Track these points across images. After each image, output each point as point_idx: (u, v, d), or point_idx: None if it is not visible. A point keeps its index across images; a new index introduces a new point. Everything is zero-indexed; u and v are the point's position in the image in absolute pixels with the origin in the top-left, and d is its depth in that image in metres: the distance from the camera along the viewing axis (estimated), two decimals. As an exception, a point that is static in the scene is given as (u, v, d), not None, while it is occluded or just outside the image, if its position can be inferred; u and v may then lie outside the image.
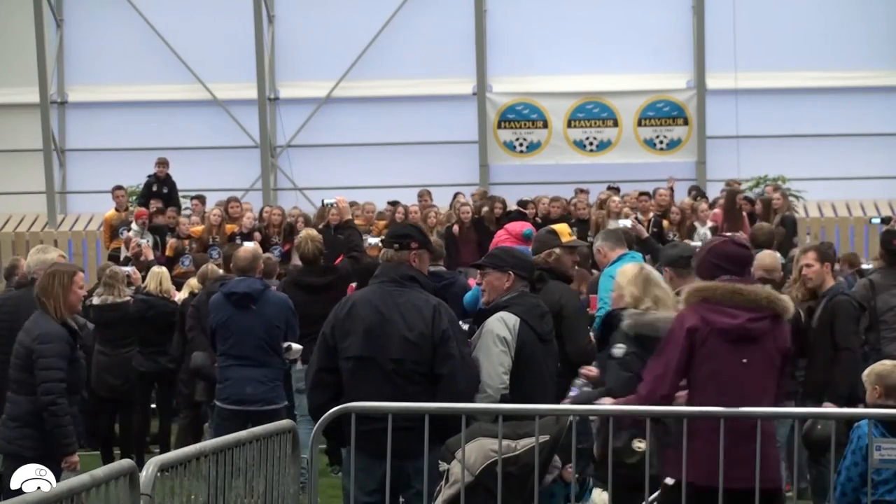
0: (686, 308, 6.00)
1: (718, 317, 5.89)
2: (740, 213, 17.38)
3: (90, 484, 4.59)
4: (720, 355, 5.88)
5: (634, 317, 6.96)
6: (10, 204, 24.49)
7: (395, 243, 6.97)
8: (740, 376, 5.88)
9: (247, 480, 6.07)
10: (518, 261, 7.18)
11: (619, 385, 6.78)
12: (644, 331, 6.89)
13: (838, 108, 23.41)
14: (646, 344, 6.80)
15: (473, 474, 6.17)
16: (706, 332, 5.87)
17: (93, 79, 24.53)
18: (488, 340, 6.80)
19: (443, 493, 6.25)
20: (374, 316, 6.71)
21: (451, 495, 6.20)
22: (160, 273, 12.45)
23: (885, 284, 9.99)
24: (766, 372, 5.94)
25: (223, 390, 9.74)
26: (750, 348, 5.90)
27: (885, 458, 6.32)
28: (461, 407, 6.35)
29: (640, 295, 7.05)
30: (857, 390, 8.74)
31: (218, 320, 9.74)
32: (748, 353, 5.89)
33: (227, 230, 17.71)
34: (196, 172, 22.37)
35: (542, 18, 23.74)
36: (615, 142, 23.58)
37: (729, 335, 5.87)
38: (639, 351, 6.86)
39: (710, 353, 5.88)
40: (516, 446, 6.19)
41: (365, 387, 6.63)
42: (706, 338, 5.87)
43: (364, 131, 24.02)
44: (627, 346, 6.96)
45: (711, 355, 5.88)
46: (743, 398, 5.86)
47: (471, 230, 17.50)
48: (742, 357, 5.89)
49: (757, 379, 5.92)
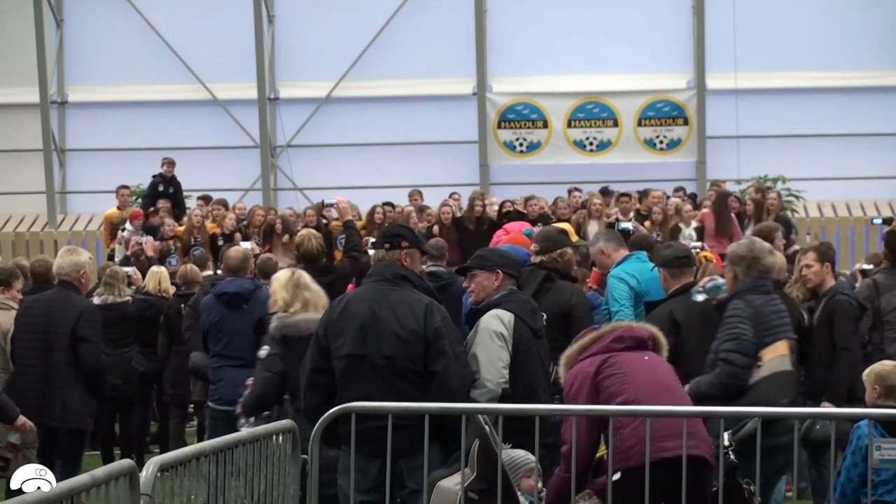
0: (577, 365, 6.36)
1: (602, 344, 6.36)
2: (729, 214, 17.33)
3: (90, 484, 4.59)
4: (624, 363, 6.27)
5: (281, 319, 7.87)
6: (10, 204, 24.50)
7: (385, 243, 7.00)
8: (650, 372, 6.32)
9: (247, 480, 6.07)
10: (505, 259, 7.21)
11: (259, 383, 7.87)
12: (289, 332, 7.82)
13: (838, 108, 23.42)
14: (291, 344, 7.76)
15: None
16: (600, 360, 6.28)
17: (93, 79, 24.54)
18: (485, 337, 6.82)
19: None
20: (366, 314, 6.73)
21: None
22: (159, 273, 12.47)
23: (888, 284, 9.98)
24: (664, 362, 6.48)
25: (216, 391, 9.74)
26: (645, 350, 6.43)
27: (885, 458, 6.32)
28: (461, 407, 6.35)
29: (289, 299, 7.98)
30: (857, 390, 8.75)
31: (210, 321, 9.76)
32: (647, 353, 6.42)
33: (208, 230, 17.72)
34: (196, 172, 22.36)
35: (542, 18, 23.75)
36: (615, 142, 23.58)
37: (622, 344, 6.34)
38: (282, 351, 7.83)
39: (616, 367, 6.25)
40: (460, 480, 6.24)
41: (357, 385, 6.64)
42: (604, 361, 6.27)
43: (364, 131, 24.03)
44: (272, 347, 7.88)
45: (618, 368, 6.24)
46: (661, 395, 6.22)
47: (451, 230, 17.47)
48: (643, 356, 6.38)
49: (663, 367, 6.43)
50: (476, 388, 6.73)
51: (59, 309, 9.04)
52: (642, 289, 8.85)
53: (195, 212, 18.17)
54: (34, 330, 9.12)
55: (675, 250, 8.46)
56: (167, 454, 5.48)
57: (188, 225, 17.96)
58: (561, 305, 8.08)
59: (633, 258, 9.13)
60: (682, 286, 8.15)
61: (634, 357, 6.32)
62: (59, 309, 9.04)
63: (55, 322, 9.01)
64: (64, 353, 8.96)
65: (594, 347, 6.38)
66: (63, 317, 8.99)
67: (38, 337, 9.06)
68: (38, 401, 8.96)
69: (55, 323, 9.01)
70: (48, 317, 9.07)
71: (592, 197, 18.00)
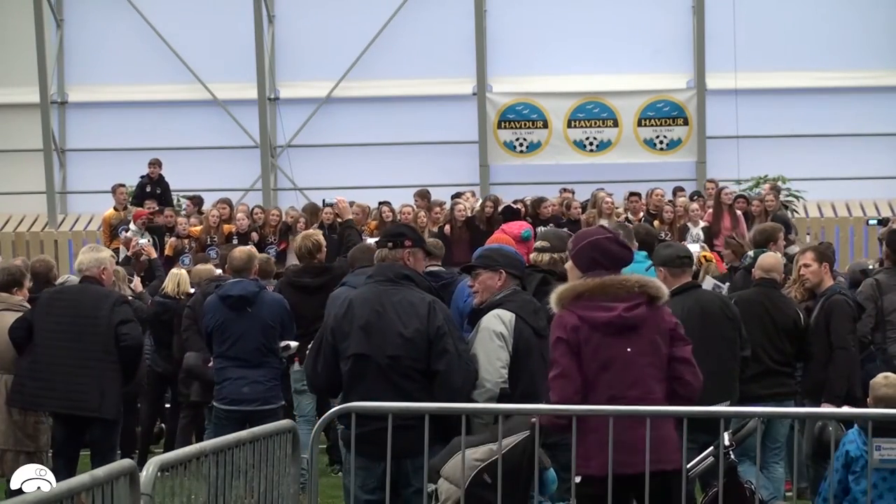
0: (561, 310, 5.98)
1: (594, 312, 5.89)
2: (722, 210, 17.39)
3: (90, 484, 4.59)
4: (603, 349, 5.88)
5: None
6: (10, 204, 24.50)
7: (388, 242, 7.02)
8: (628, 366, 5.89)
9: (247, 480, 6.08)
10: (509, 259, 7.20)
11: None
12: None
13: (838, 108, 23.42)
14: None
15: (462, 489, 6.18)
16: (587, 330, 5.88)
17: (93, 79, 24.54)
18: (485, 336, 6.82)
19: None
20: (370, 314, 6.74)
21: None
22: (178, 275, 12.33)
23: (891, 284, 9.98)
24: (652, 356, 5.93)
25: (220, 391, 9.75)
26: (632, 337, 5.90)
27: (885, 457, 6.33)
28: (461, 407, 6.36)
29: None
30: (855, 390, 8.77)
31: (214, 322, 9.74)
32: (631, 343, 5.90)
33: (225, 230, 17.79)
34: (196, 172, 22.41)
35: (542, 18, 23.75)
36: (615, 142, 23.59)
37: (609, 328, 5.88)
38: None
39: (595, 349, 5.88)
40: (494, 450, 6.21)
41: (363, 385, 6.67)
42: (589, 336, 5.88)
43: (364, 131, 24.04)
44: None
45: (596, 350, 5.88)
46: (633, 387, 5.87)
47: (463, 230, 17.52)
48: (626, 346, 5.90)
49: (643, 364, 5.91)
50: (475, 388, 6.73)
51: (89, 299, 9.06)
52: None
53: (212, 212, 18.25)
54: (61, 321, 9.07)
55: (676, 250, 8.50)
56: (167, 454, 5.48)
57: (205, 225, 18.04)
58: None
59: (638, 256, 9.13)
60: (681, 286, 8.18)
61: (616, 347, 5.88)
62: (90, 299, 9.06)
63: (86, 313, 9.02)
64: (100, 343, 8.95)
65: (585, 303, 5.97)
66: (95, 307, 9.00)
67: (66, 328, 9.02)
68: (68, 391, 8.95)
69: (86, 314, 9.01)
70: (78, 307, 9.06)
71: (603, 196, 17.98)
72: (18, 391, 9.16)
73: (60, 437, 9.18)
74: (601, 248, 6.05)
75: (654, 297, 5.96)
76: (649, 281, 6.06)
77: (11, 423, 9.36)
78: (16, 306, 9.61)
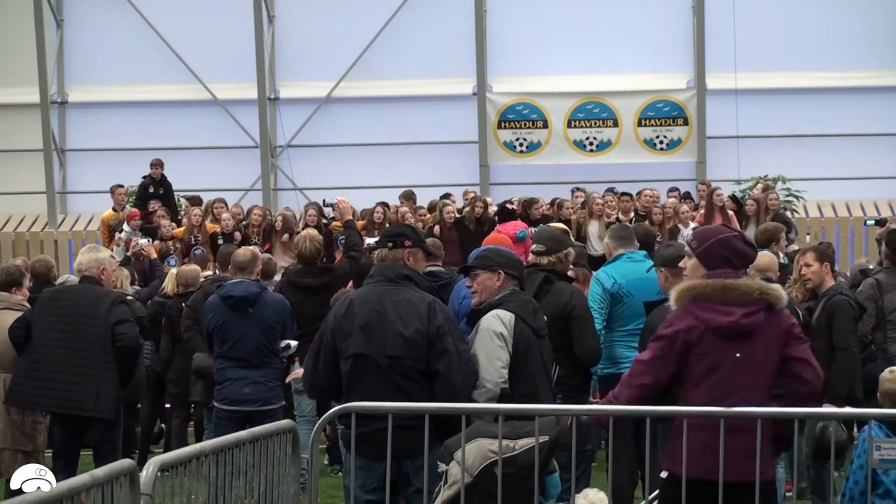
0: (679, 308, 5.91)
1: (712, 315, 5.82)
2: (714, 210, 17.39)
3: (90, 484, 4.59)
4: (714, 353, 5.82)
5: None
6: (10, 204, 24.50)
7: (388, 242, 7.01)
8: (734, 371, 5.82)
9: (247, 480, 6.07)
10: (507, 260, 7.19)
11: None
12: None
13: (838, 108, 23.42)
14: None
15: (472, 475, 6.16)
16: (701, 332, 5.81)
17: (93, 79, 24.55)
18: (485, 337, 6.81)
19: (442, 494, 6.24)
20: (370, 314, 6.74)
21: (449, 496, 6.19)
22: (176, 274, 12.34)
23: (891, 284, 9.98)
24: (761, 364, 5.85)
25: (221, 391, 9.74)
26: (744, 343, 5.82)
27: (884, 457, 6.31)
28: (461, 407, 6.35)
29: None
30: (856, 390, 8.77)
31: (215, 323, 9.73)
32: (742, 348, 5.82)
33: (209, 230, 17.72)
34: (196, 172, 22.40)
35: (542, 18, 23.75)
36: (615, 142, 23.59)
37: (724, 332, 5.80)
38: None
39: (705, 351, 5.81)
40: (515, 446, 6.17)
41: (363, 385, 6.66)
42: (701, 337, 5.80)
43: (364, 131, 24.04)
44: None
45: (706, 353, 5.81)
46: (736, 392, 5.80)
47: (452, 230, 17.49)
48: (736, 352, 5.81)
49: (750, 372, 5.82)
50: (475, 388, 6.73)
51: (88, 299, 9.07)
52: (623, 290, 8.85)
53: (194, 211, 18.14)
54: (60, 320, 9.08)
55: (677, 250, 8.47)
56: (167, 454, 5.48)
57: (188, 225, 17.96)
58: (560, 307, 8.10)
59: (624, 258, 9.12)
60: (681, 285, 8.15)
61: (726, 352, 5.80)
62: (89, 299, 9.07)
63: (85, 312, 9.02)
64: (98, 343, 8.96)
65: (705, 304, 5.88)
66: (94, 307, 9.01)
67: (65, 328, 9.03)
68: (65, 391, 8.96)
69: (85, 313, 9.02)
70: (77, 307, 9.07)
71: (594, 196, 18.02)
72: (16, 390, 9.16)
73: (60, 438, 9.17)
74: (730, 246, 5.99)
75: (773, 304, 5.88)
76: (771, 288, 5.97)
77: (10, 423, 9.36)
78: (16, 306, 9.62)
